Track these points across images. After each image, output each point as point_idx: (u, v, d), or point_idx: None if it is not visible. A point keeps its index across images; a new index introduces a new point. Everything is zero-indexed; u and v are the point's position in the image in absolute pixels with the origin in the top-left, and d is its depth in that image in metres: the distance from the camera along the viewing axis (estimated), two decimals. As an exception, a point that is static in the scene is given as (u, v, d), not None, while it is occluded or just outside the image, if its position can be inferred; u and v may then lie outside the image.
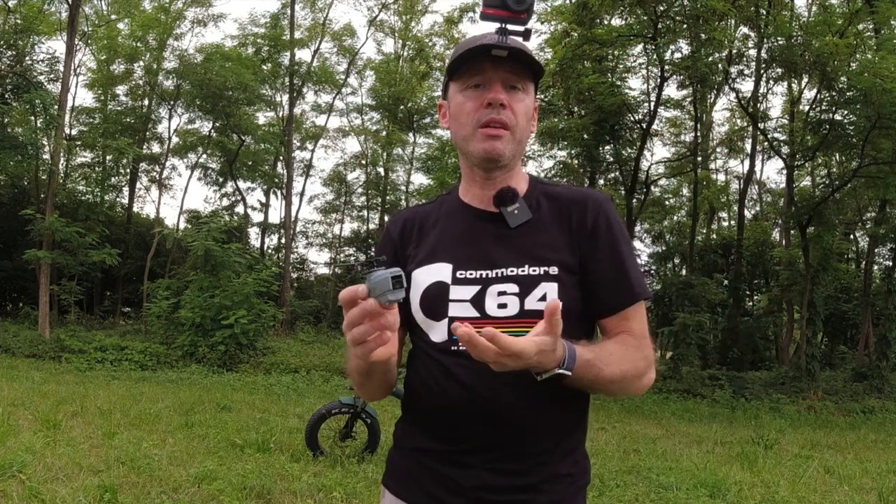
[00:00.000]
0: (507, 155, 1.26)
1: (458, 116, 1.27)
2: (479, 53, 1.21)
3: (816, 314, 15.46)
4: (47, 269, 16.11)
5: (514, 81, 1.24)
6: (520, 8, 1.19)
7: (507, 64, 1.22)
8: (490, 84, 1.23)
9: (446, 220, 1.34)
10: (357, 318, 1.00)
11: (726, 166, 29.27)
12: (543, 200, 1.31)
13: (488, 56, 1.21)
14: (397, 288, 0.98)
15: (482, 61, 1.22)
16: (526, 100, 1.26)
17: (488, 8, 1.21)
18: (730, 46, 16.05)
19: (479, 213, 1.31)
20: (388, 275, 0.98)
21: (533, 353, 1.02)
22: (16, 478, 4.18)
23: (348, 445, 5.72)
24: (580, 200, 1.29)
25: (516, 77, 1.24)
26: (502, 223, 1.27)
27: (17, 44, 18.15)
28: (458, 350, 1.22)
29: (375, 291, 0.98)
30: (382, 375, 1.23)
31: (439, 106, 1.38)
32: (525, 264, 1.23)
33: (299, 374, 13.25)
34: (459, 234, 1.31)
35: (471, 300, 1.24)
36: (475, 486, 1.21)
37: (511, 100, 1.24)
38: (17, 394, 8.10)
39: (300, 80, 24.17)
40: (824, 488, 5.74)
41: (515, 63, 1.22)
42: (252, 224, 28.37)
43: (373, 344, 1.01)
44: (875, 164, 14.73)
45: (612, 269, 1.25)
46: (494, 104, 1.22)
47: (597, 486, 5.13)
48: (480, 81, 1.24)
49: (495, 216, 1.29)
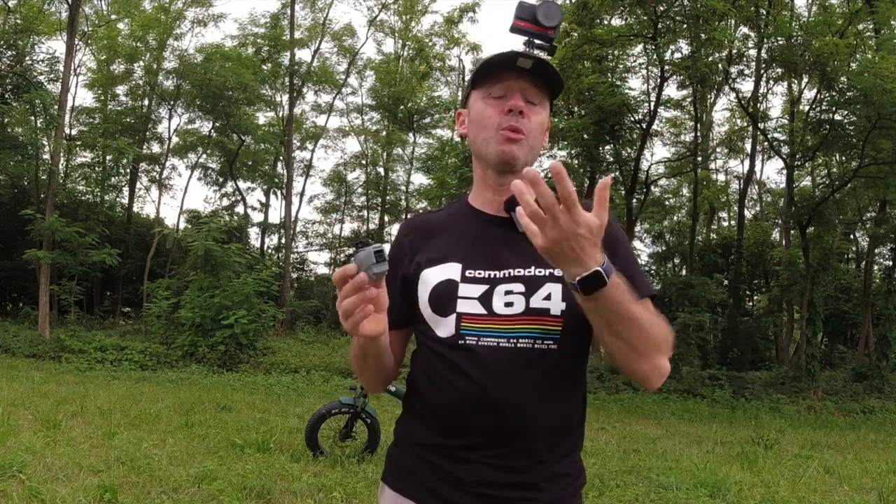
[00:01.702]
0: (522, 160, 1.30)
1: (479, 121, 1.32)
2: (506, 61, 1.26)
3: (816, 314, 15.47)
4: (47, 269, 16.11)
5: (532, 96, 1.30)
6: (550, 24, 1.24)
7: (528, 77, 1.27)
8: (511, 93, 1.29)
9: (456, 225, 1.38)
10: (348, 292, 1.06)
11: (726, 166, 29.30)
12: None
13: (513, 67, 1.26)
14: (380, 261, 1.06)
15: (506, 71, 1.28)
16: (542, 114, 1.32)
17: (519, 20, 1.26)
18: (730, 46, 16.05)
19: (489, 217, 1.36)
20: (371, 249, 1.06)
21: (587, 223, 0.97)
22: (16, 478, 4.18)
23: (348, 445, 5.73)
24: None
25: (536, 91, 1.30)
26: (511, 227, 1.30)
27: (17, 44, 18.15)
28: (464, 344, 1.25)
29: (362, 266, 1.06)
30: (376, 360, 1.26)
31: (458, 114, 1.43)
32: (531, 266, 1.27)
33: (299, 374, 13.25)
34: (469, 236, 1.35)
35: (478, 298, 1.27)
36: (476, 481, 1.23)
37: (529, 111, 1.29)
38: (17, 394, 8.10)
39: (300, 80, 24.17)
40: (824, 488, 5.74)
41: (536, 77, 1.28)
42: (252, 224, 28.40)
43: (359, 316, 1.07)
44: (875, 164, 14.73)
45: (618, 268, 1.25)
46: (515, 110, 1.27)
47: (597, 486, 5.13)
48: (502, 92, 1.29)
49: (505, 221, 1.33)
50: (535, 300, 1.24)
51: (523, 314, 1.24)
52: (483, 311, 1.26)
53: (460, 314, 1.27)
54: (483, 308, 1.26)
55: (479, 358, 1.23)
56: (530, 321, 1.23)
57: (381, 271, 1.06)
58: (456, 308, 1.27)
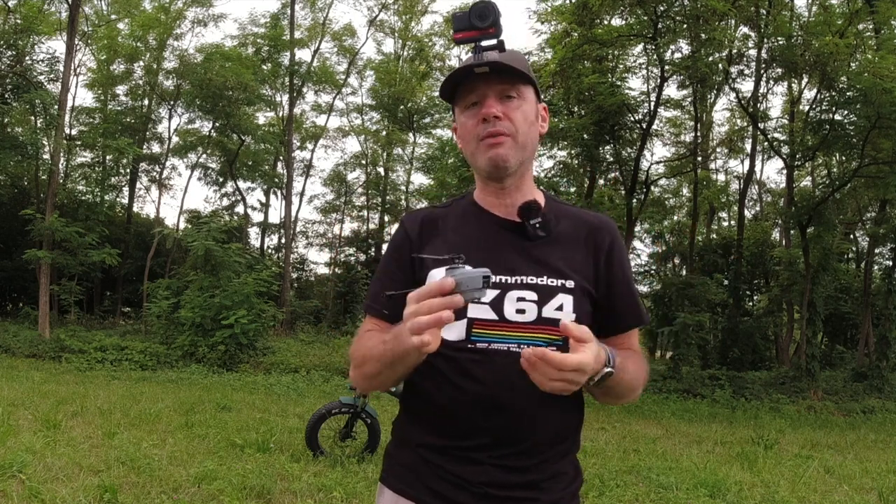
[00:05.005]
0: (513, 160, 1.31)
1: (464, 136, 1.35)
2: (464, 76, 1.28)
3: (816, 314, 15.46)
4: (47, 269, 16.11)
5: (506, 91, 1.30)
6: (484, 24, 1.24)
7: (493, 77, 1.28)
8: (484, 100, 1.29)
9: (465, 224, 1.38)
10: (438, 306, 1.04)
11: (726, 166, 29.32)
12: (561, 218, 1.37)
13: (473, 75, 1.27)
14: (485, 287, 1.04)
15: (473, 81, 1.29)
16: (524, 105, 1.31)
17: (458, 32, 1.26)
18: (730, 46, 16.03)
19: (500, 221, 1.36)
20: (479, 274, 1.03)
21: (590, 361, 1.10)
22: (16, 478, 4.18)
23: (348, 445, 5.72)
24: (596, 224, 1.38)
25: (508, 86, 1.30)
26: (522, 234, 1.33)
27: (17, 44, 18.13)
28: (473, 348, 1.26)
29: (462, 286, 1.03)
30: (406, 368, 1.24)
31: (454, 129, 1.44)
32: (544, 275, 1.29)
33: (299, 374, 13.25)
34: (481, 239, 1.35)
35: (490, 303, 1.27)
36: (482, 482, 1.24)
37: (507, 109, 1.29)
38: (17, 394, 8.10)
39: (300, 80, 24.17)
40: (824, 488, 5.74)
41: (500, 75, 1.28)
42: (252, 224, 28.40)
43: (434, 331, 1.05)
44: (875, 164, 14.72)
45: (625, 290, 1.36)
46: (488, 118, 1.28)
47: (597, 486, 5.13)
48: (476, 99, 1.31)
49: (516, 226, 1.34)
50: (548, 310, 1.26)
51: (535, 322, 1.26)
52: (495, 316, 1.27)
53: (472, 319, 1.27)
54: (495, 314, 1.27)
55: (488, 362, 1.24)
56: (541, 330, 1.25)
57: (482, 297, 1.04)
58: (467, 313, 1.27)
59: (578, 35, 14.91)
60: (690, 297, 16.58)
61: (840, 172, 17.96)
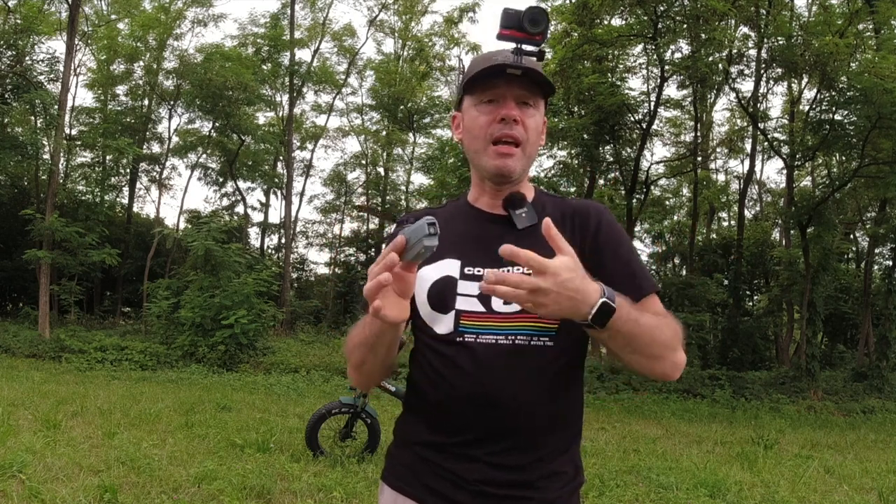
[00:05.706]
0: (518, 171, 1.32)
1: (472, 129, 1.34)
2: (495, 72, 1.27)
3: (816, 314, 15.46)
4: (47, 269, 16.11)
5: (526, 98, 1.31)
6: (535, 30, 1.24)
7: (520, 82, 1.28)
8: (503, 100, 1.30)
9: (455, 222, 1.39)
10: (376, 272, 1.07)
11: (726, 166, 29.28)
12: (549, 208, 1.36)
13: (503, 74, 1.27)
14: (432, 234, 1.04)
15: (497, 78, 1.29)
16: (536, 115, 1.33)
17: (505, 29, 1.26)
18: (730, 46, 16.03)
19: (487, 215, 1.37)
20: (424, 222, 1.04)
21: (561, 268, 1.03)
22: (16, 478, 4.18)
23: (348, 445, 5.72)
24: (582, 209, 1.36)
25: (528, 94, 1.31)
26: (509, 225, 1.33)
27: (17, 44, 18.13)
28: (462, 341, 1.27)
29: (412, 239, 1.05)
30: (386, 349, 1.25)
31: (453, 117, 1.44)
32: None
33: (299, 374, 13.25)
34: (468, 233, 1.36)
35: (477, 296, 1.28)
36: (478, 479, 1.25)
37: (523, 115, 1.30)
38: (17, 394, 8.10)
39: (300, 80, 24.17)
40: (824, 488, 5.74)
41: (528, 81, 1.28)
42: (252, 224, 28.38)
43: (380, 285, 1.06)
44: (875, 164, 14.72)
45: (618, 269, 1.30)
46: (508, 120, 1.28)
47: (597, 486, 5.13)
48: (494, 97, 1.31)
49: (503, 218, 1.34)
50: None
51: (521, 312, 1.24)
52: (482, 308, 1.27)
53: (459, 311, 1.28)
54: (482, 306, 1.28)
55: (477, 354, 1.25)
56: (528, 318, 1.25)
57: (431, 245, 1.05)
58: (455, 305, 1.29)
59: (578, 35, 14.91)
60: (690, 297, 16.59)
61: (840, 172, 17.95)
